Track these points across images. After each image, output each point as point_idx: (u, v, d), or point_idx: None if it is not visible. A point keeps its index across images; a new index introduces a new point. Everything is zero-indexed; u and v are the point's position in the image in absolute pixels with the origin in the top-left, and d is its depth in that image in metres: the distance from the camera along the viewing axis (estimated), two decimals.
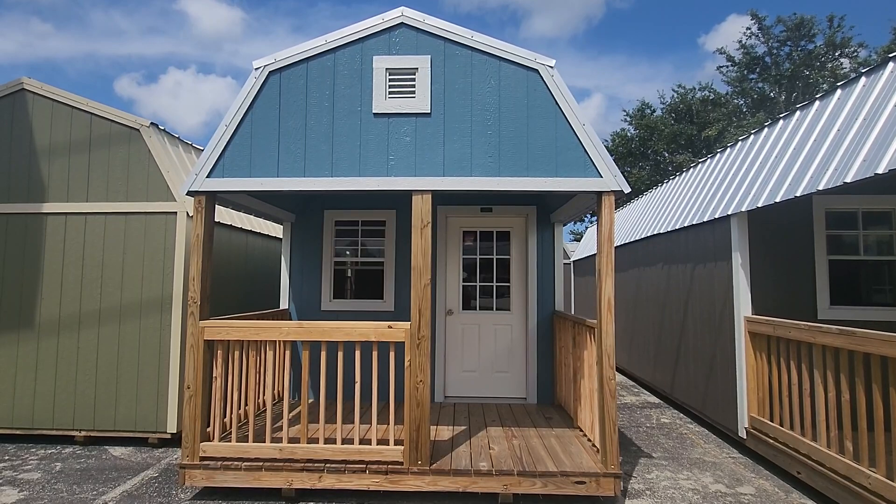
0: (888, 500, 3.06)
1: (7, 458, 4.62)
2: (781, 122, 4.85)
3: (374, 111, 3.89)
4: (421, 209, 3.80)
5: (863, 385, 3.34)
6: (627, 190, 3.76)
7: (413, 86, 3.90)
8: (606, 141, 28.68)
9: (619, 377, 8.82)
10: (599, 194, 3.82)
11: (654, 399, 7.21)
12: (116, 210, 5.01)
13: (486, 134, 3.86)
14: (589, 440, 4.25)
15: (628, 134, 28.09)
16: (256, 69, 3.95)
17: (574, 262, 14.37)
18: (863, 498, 3.25)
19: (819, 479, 3.70)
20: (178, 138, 5.66)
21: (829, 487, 3.59)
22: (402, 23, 3.94)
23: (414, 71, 3.90)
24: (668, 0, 50.19)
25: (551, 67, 3.85)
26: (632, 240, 8.21)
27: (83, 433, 4.89)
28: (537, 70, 3.86)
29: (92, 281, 4.99)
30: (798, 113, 4.59)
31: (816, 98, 4.36)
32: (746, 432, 4.70)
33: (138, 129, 5.06)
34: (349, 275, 5.96)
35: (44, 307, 5.00)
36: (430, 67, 3.90)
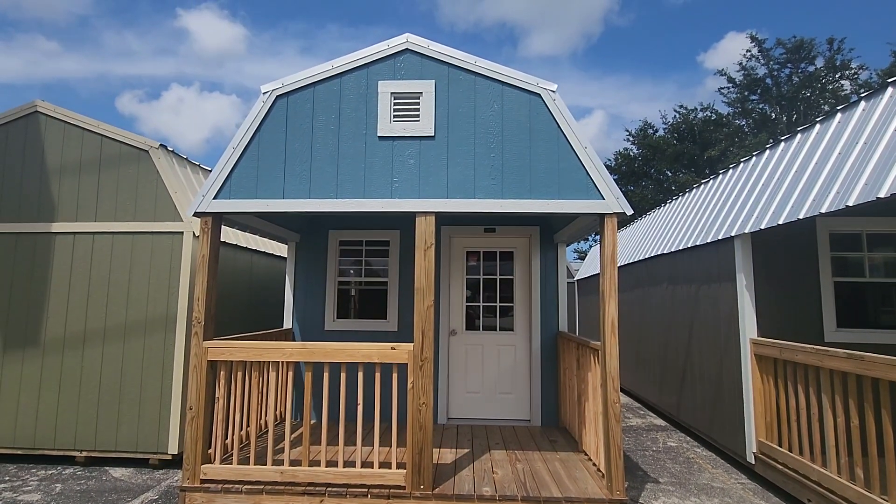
0: None
1: (7, 478, 4.59)
2: (783, 144, 4.88)
3: (378, 134, 3.96)
4: (424, 231, 3.82)
5: (872, 410, 3.30)
6: (630, 212, 3.78)
7: (417, 110, 3.97)
8: (610, 160, 28.86)
9: (625, 398, 8.70)
10: (602, 216, 3.84)
11: (660, 421, 7.10)
12: (124, 230, 5.07)
13: (489, 157, 3.90)
14: (594, 465, 4.19)
15: (631, 153, 28.27)
16: (264, 93, 4.04)
17: (578, 280, 14.32)
18: None
19: None
20: (186, 159, 5.75)
21: None
22: (407, 48, 4.03)
23: (418, 95, 3.98)
24: (666, 18, 50.99)
25: (553, 91, 3.91)
26: (636, 259, 8.20)
27: (84, 453, 4.86)
28: (539, 94, 3.92)
29: (98, 300, 5.02)
30: (799, 136, 4.62)
31: (817, 121, 4.40)
32: (755, 457, 4.61)
33: (147, 151, 5.15)
34: (353, 294, 5.97)
35: (49, 326, 5.03)
36: (434, 92, 3.97)
